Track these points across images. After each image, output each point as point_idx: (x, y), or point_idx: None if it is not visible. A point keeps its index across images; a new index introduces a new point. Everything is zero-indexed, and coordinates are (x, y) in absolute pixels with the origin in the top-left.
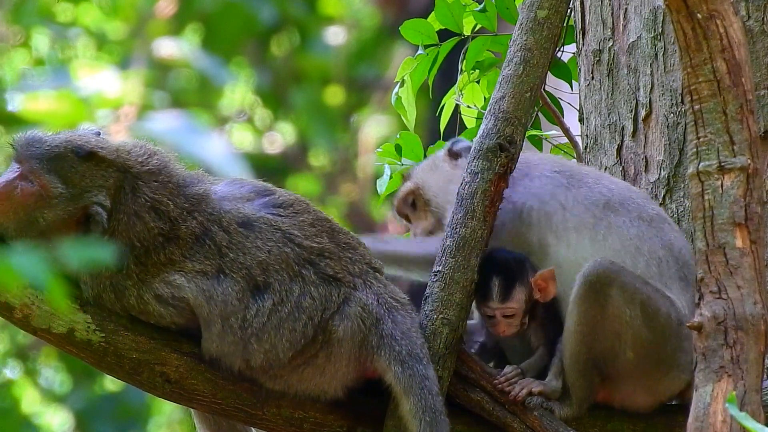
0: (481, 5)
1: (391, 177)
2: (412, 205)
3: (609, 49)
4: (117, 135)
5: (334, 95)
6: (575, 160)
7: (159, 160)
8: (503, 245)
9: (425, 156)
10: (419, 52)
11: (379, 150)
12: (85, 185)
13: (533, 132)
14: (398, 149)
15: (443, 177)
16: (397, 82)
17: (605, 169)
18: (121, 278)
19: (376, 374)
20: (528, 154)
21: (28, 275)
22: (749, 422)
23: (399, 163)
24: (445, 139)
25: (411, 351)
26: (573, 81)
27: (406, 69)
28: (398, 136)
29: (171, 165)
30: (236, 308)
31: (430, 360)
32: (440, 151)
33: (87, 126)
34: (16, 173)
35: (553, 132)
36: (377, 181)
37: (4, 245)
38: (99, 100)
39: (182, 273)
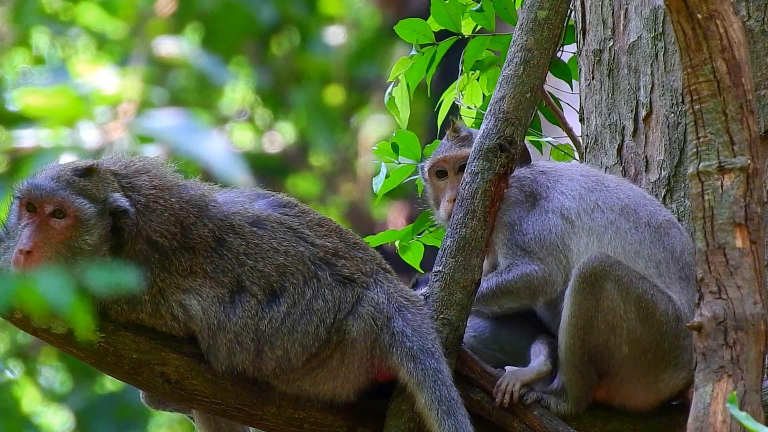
0: (479, 5)
1: (387, 176)
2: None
3: (609, 49)
4: (115, 132)
5: (334, 95)
6: (576, 161)
7: (142, 163)
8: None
9: (422, 155)
10: (413, 52)
11: (374, 148)
12: (102, 196)
13: (532, 138)
14: (395, 147)
15: None
16: (391, 81)
17: (606, 169)
18: (139, 290)
19: (388, 376)
20: (553, 162)
21: (51, 298)
22: (750, 422)
23: (395, 161)
24: (443, 137)
25: (422, 346)
26: (573, 81)
27: (400, 68)
28: (394, 134)
29: (157, 168)
30: (249, 326)
31: (443, 354)
32: None
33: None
34: (37, 220)
35: (550, 138)
36: (373, 179)
37: None
38: (98, 97)
39: (199, 299)
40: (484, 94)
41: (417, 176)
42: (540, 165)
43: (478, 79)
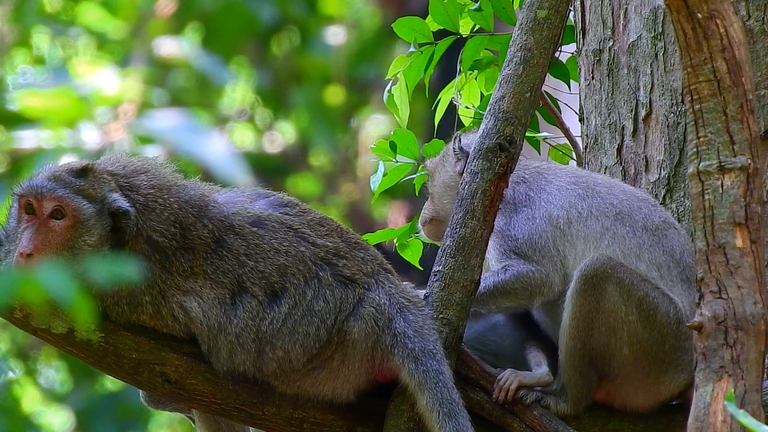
0: (477, 4)
1: (385, 174)
2: None
3: (609, 49)
4: (116, 133)
5: (334, 95)
6: (574, 162)
7: (140, 163)
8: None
9: (420, 153)
10: (411, 49)
11: (372, 146)
12: (100, 195)
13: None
14: (392, 146)
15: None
16: (389, 79)
17: (605, 168)
18: (140, 292)
19: (389, 377)
20: (542, 165)
21: (53, 291)
22: (747, 420)
23: (393, 160)
24: (440, 136)
25: (424, 348)
26: (571, 81)
27: (398, 66)
28: (392, 133)
29: (156, 168)
30: (250, 327)
31: (444, 356)
32: None
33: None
34: (36, 222)
35: (546, 133)
36: (371, 177)
37: None
38: (98, 97)
39: (200, 300)
40: (482, 94)
41: (415, 175)
42: (527, 169)
43: (476, 79)
